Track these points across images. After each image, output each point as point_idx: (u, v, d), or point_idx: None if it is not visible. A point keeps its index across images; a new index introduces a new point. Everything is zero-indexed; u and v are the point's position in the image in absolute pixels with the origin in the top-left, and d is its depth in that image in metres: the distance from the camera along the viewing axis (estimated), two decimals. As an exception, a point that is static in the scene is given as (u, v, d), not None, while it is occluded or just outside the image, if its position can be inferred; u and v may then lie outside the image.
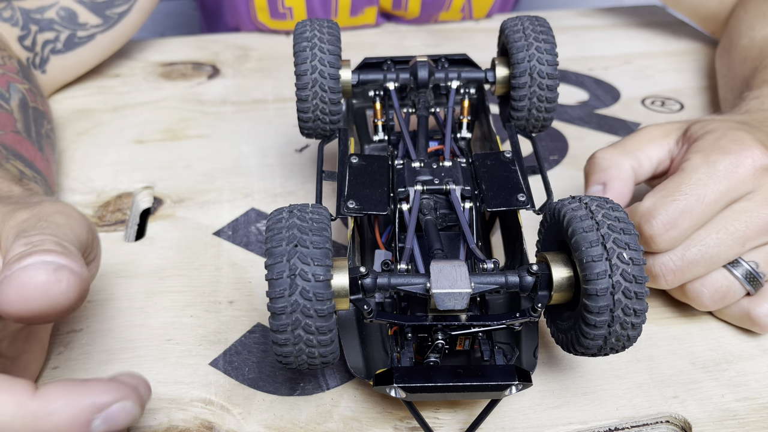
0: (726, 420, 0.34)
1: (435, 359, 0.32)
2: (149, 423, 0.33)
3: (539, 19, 0.42)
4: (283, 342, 0.28)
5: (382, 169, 0.38)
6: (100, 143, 0.56)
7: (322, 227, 0.29)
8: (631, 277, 0.28)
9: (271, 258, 0.28)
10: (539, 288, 0.31)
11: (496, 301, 0.37)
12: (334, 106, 0.40)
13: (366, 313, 0.30)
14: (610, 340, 0.30)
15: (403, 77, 0.43)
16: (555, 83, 0.41)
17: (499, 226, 0.42)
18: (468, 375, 0.29)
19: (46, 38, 0.58)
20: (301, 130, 0.42)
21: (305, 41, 0.40)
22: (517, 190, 0.36)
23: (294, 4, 0.74)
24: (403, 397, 0.30)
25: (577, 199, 0.31)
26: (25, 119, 0.49)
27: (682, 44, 0.73)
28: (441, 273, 0.30)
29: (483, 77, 0.43)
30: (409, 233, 0.34)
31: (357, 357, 0.34)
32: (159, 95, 0.63)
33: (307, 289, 0.28)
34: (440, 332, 0.31)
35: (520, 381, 0.29)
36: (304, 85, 0.40)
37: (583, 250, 0.29)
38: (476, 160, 0.38)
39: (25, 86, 0.53)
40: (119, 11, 0.62)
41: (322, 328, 0.28)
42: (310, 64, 0.39)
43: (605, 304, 0.29)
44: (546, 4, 1.03)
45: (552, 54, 0.41)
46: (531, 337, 0.34)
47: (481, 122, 0.46)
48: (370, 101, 0.48)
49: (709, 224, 0.36)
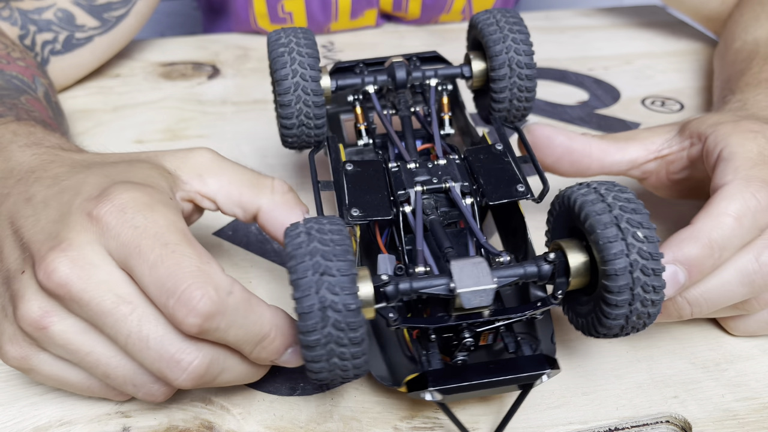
0: (726, 420, 0.34)
1: (463, 358, 0.32)
2: (149, 423, 0.33)
3: (510, 11, 0.42)
4: (319, 370, 0.28)
5: (379, 174, 0.38)
6: (100, 143, 0.56)
7: (345, 250, 0.28)
8: (648, 255, 0.29)
9: (298, 291, 0.28)
10: (557, 275, 0.31)
11: (504, 293, 0.37)
12: (319, 110, 0.39)
13: (392, 321, 0.30)
14: (632, 319, 0.30)
15: (381, 79, 0.43)
16: (533, 72, 0.41)
17: (494, 220, 0.42)
18: (500, 369, 0.30)
19: (45, 39, 0.58)
20: (284, 140, 0.41)
21: (282, 47, 0.40)
22: (514, 181, 0.36)
23: (293, 9, 0.74)
24: (439, 400, 0.30)
25: (585, 185, 0.32)
26: (52, 110, 0.50)
27: (682, 44, 0.73)
28: (463, 272, 0.30)
29: (459, 73, 0.43)
30: (417, 235, 0.34)
31: (380, 365, 0.34)
32: (159, 95, 0.63)
33: (339, 320, 0.27)
34: (466, 330, 0.31)
35: (550, 368, 0.30)
36: (286, 90, 0.39)
37: (598, 232, 0.29)
38: (469, 155, 0.38)
39: (46, 81, 0.54)
40: (117, 15, 0.62)
41: (357, 353, 0.28)
42: (290, 68, 0.39)
43: (625, 282, 0.29)
44: (546, 4, 1.03)
45: (528, 44, 0.41)
46: (546, 324, 0.34)
47: (457, 117, 0.46)
48: (342, 105, 0.48)
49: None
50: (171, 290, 0.29)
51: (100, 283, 0.30)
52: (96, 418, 0.34)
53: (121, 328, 0.29)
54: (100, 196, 0.31)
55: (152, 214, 0.31)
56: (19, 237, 0.32)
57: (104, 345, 0.30)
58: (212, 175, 0.36)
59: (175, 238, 0.30)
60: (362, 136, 0.43)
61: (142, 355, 0.30)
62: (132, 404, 0.34)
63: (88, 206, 0.31)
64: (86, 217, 0.31)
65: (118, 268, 0.30)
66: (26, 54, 0.55)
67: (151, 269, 0.29)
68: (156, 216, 0.31)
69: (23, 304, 0.30)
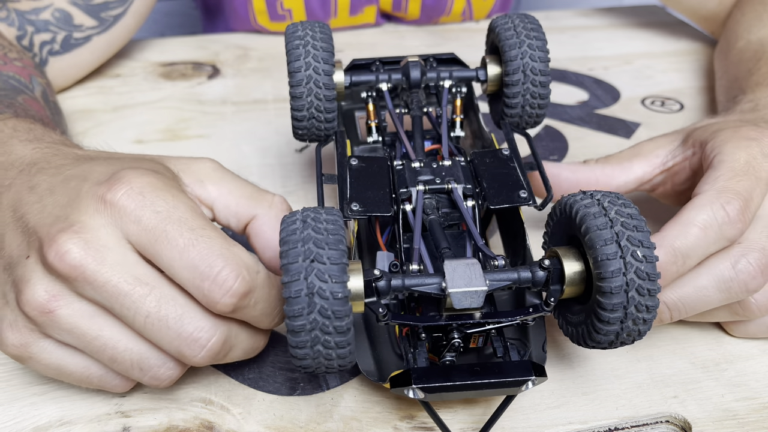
0: (726, 420, 0.34)
1: (451, 358, 0.32)
2: (149, 423, 0.33)
3: (528, 17, 0.42)
4: (303, 356, 0.28)
5: (383, 171, 0.38)
6: (100, 143, 0.56)
7: (338, 239, 0.29)
8: (645, 275, 0.29)
9: (287, 275, 0.28)
10: (551, 282, 0.31)
11: (500, 298, 0.37)
12: (329, 104, 0.40)
13: (381, 316, 0.30)
14: (622, 335, 0.30)
15: (395, 78, 0.43)
16: (547, 79, 0.41)
17: (497, 224, 0.42)
18: (485, 372, 0.30)
19: (43, 39, 0.59)
20: (295, 131, 0.41)
21: (297, 39, 0.40)
22: (518, 187, 0.36)
23: (293, 6, 0.74)
24: (421, 398, 0.30)
25: (588, 195, 0.32)
26: (50, 110, 0.50)
27: (682, 44, 0.73)
28: (456, 272, 0.30)
29: (474, 76, 0.44)
30: (415, 234, 0.34)
31: (368, 360, 0.34)
32: (159, 95, 0.63)
33: (325, 307, 0.27)
34: (456, 331, 0.31)
35: (536, 375, 0.30)
36: (298, 82, 0.39)
37: (597, 248, 0.29)
38: (475, 158, 0.38)
39: (44, 81, 0.54)
40: (114, 14, 0.62)
41: (341, 343, 0.28)
42: (304, 61, 0.39)
43: (619, 301, 0.29)
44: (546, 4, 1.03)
45: (543, 51, 0.41)
46: (539, 332, 0.34)
47: (471, 120, 0.46)
48: (357, 103, 0.48)
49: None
50: (205, 273, 0.29)
51: (116, 265, 0.30)
52: (96, 418, 0.34)
53: (139, 309, 0.30)
54: (111, 180, 0.31)
55: (172, 198, 0.31)
56: (23, 223, 0.32)
57: (113, 328, 0.31)
58: (213, 183, 0.36)
59: (200, 222, 0.31)
60: (372, 133, 0.43)
61: (160, 335, 0.30)
62: (132, 404, 0.34)
63: (99, 190, 0.31)
64: (99, 201, 0.31)
65: (132, 250, 0.30)
66: (23, 54, 0.55)
67: (182, 253, 0.30)
68: (176, 201, 0.31)
69: (28, 288, 0.30)
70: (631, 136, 0.57)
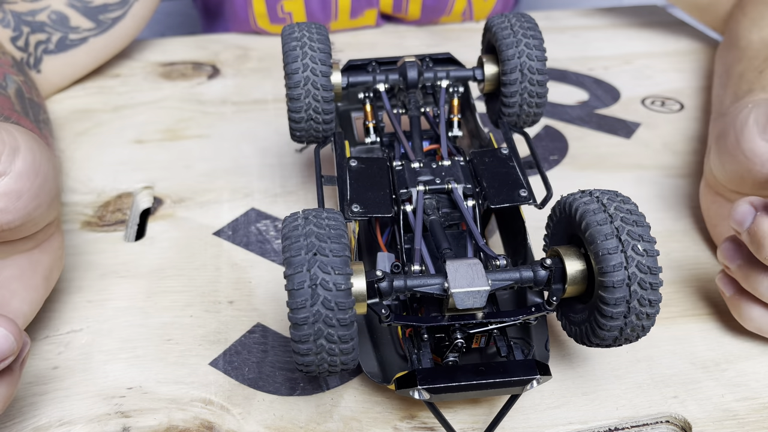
0: (726, 420, 0.34)
1: (454, 359, 0.32)
2: (149, 423, 0.33)
3: (525, 16, 0.42)
4: (305, 352, 0.28)
5: (382, 171, 0.38)
6: (100, 143, 0.56)
7: (340, 234, 0.29)
8: (646, 268, 0.29)
9: (290, 268, 0.28)
10: (553, 282, 0.31)
11: (502, 297, 0.37)
12: (327, 105, 0.40)
13: (384, 317, 0.30)
14: (626, 331, 0.30)
15: (392, 78, 0.43)
16: (545, 78, 0.41)
17: (496, 223, 0.42)
18: (490, 372, 0.30)
19: (38, 39, 0.59)
20: (293, 133, 0.41)
21: (294, 41, 0.40)
22: (517, 186, 0.36)
23: (293, 8, 0.74)
24: (427, 399, 0.30)
25: (587, 193, 0.32)
26: (22, 105, 0.50)
27: (682, 44, 0.73)
28: (458, 272, 0.30)
29: (471, 75, 0.44)
30: (416, 234, 0.34)
31: (371, 361, 0.34)
32: (159, 95, 0.63)
33: (329, 298, 0.27)
34: (458, 331, 0.31)
35: (541, 374, 0.30)
36: (296, 83, 0.39)
37: (598, 242, 0.29)
38: (474, 158, 0.38)
39: (20, 78, 0.53)
40: (113, 16, 0.62)
41: (344, 337, 0.28)
42: (301, 62, 0.39)
43: (622, 295, 0.29)
44: (546, 4, 1.03)
45: (540, 50, 0.41)
46: (541, 331, 0.34)
47: (468, 120, 0.46)
48: (354, 104, 0.48)
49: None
50: None
51: None
52: (96, 418, 0.34)
53: None
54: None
55: None
56: None
57: None
58: None
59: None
60: (370, 133, 0.43)
61: None
62: (132, 404, 0.34)
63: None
64: None
65: None
66: (0, 54, 0.54)
67: None
68: None
69: None
70: (631, 136, 0.57)
